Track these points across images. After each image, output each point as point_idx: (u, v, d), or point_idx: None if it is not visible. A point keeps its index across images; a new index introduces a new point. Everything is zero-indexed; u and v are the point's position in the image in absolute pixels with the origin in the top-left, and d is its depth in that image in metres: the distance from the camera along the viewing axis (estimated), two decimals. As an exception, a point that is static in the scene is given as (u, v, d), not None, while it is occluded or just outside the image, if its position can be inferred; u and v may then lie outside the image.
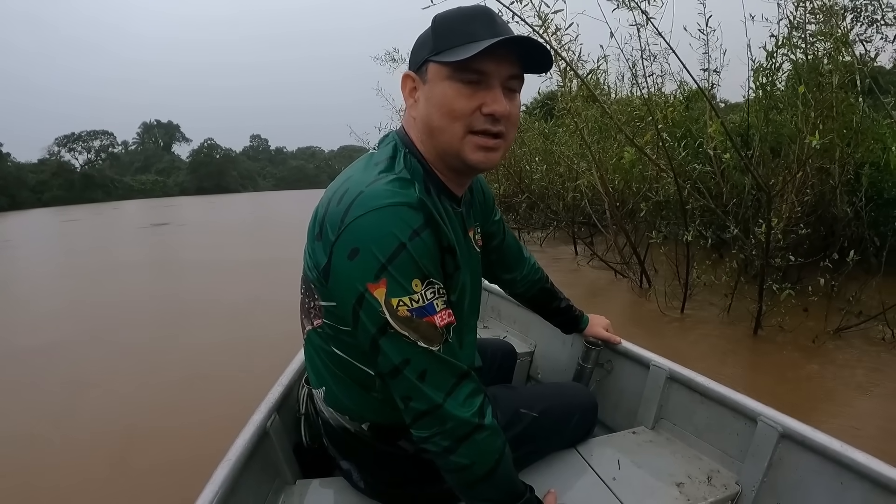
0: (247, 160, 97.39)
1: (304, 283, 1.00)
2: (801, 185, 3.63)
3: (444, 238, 0.91)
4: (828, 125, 3.67)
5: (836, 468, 1.06)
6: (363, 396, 1.01)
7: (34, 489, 2.16)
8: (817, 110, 3.50)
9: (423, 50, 0.91)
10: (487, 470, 0.87)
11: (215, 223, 17.46)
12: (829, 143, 3.70)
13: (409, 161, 0.94)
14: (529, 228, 8.99)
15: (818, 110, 3.52)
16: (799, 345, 3.28)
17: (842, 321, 3.39)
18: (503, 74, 0.88)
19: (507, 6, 3.46)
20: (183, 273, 7.65)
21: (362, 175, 0.91)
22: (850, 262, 3.24)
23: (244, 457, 1.06)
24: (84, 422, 2.70)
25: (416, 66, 0.94)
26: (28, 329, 4.63)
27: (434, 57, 0.88)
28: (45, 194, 54.81)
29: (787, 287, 3.24)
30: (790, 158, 3.64)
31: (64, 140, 70.89)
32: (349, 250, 0.83)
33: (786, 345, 3.30)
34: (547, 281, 1.52)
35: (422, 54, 0.91)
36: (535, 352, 2.01)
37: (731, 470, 1.28)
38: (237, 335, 4.10)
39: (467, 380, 0.87)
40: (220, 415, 2.52)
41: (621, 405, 1.62)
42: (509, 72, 0.89)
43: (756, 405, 1.24)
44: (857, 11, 4.62)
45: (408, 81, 0.95)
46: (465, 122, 0.89)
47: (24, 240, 14.96)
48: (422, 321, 0.83)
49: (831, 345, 3.25)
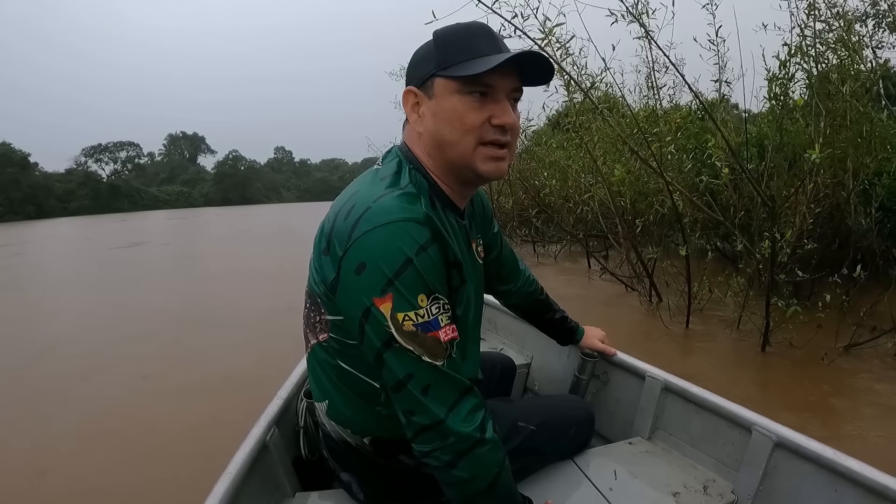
0: (271, 172, 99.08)
1: (310, 298, 1.02)
2: (813, 196, 3.58)
3: (450, 253, 0.94)
4: (841, 134, 3.63)
5: (831, 476, 1.08)
6: (367, 410, 1.03)
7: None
8: (828, 119, 3.46)
9: (427, 65, 0.95)
10: (488, 484, 0.89)
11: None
12: (841, 154, 3.66)
13: (414, 176, 0.97)
14: (545, 242, 8.98)
15: (829, 119, 3.49)
16: (807, 361, 3.22)
17: (852, 337, 3.32)
18: (508, 87, 0.93)
19: (508, 21, 3.50)
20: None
21: (369, 190, 0.93)
22: (856, 276, 3.17)
23: (244, 470, 1.09)
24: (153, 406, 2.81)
25: (418, 81, 0.97)
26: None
27: (441, 72, 0.92)
28: (71, 203, 56.46)
29: (793, 304, 3.18)
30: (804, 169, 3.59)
31: (91, 151, 73.11)
32: (356, 265, 0.85)
33: (794, 361, 3.24)
34: (541, 293, 1.55)
35: (425, 69, 0.95)
36: (531, 364, 2.03)
37: (726, 479, 1.30)
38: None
39: (469, 395, 0.89)
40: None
41: (617, 416, 1.64)
42: (513, 85, 0.94)
43: (750, 414, 1.27)
44: (878, 17, 4.58)
45: (410, 97, 0.98)
46: (476, 135, 0.93)
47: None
48: (427, 336, 0.85)
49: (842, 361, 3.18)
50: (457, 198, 1.04)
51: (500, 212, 9.62)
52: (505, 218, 9.77)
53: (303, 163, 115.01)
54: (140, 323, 5.07)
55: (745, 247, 3.65)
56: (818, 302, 3.31)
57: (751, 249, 3.61)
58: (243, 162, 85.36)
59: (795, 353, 3.35)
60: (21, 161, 52.73)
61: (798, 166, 3.86)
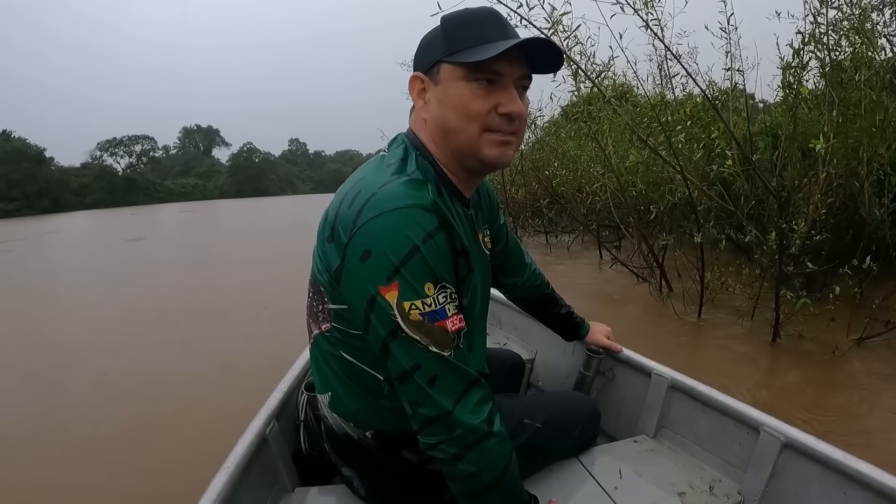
0: (285, 164, 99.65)
1: (313, 286, 1.01)
2: (825, 187, 3.56)
3: (457, 241, 0.92)
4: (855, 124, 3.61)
5: (839, 478, 1.07)
6: (370, 403, 1.02)
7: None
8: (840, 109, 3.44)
9: (434, 50, 0.93)
10: (494, 478, 0.88)
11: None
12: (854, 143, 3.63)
13: (420, 162, 0.96)
14: (558, 232, 8.98)
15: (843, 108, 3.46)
16: (817, 353, 3.22)
17: (864, 330, 3.31)
18: (515, 74, 0.91)
19: (514, 10, 3.51)
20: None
21: (374, 176, 0.92)
22: (866, 267, 3.16)
23: (243, 464, 1.09)
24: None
25: (425, 67, 0.95)
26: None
27: (448, 58, 0.90)
28: (87, 197, 57.51)
29: (802, 296, 3.18)
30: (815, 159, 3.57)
31: (106, 145, 74.11)
32: (362, 252, 0.84)
33: (804, 353, 3.24)
34: (547, 287, 1.54)
35: (432, 55, 0.93)
36: (535, 359, 2.02)
37: (733, 479, 1.29)
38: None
39: (477, 386, 0.88)
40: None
41: (623, 414, 1.64)
42: (521, 72, 0.92)
43: (759, 414, 1.26)
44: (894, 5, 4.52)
45: (416, 83, 0.97)
46: (481, 122, 0.91)
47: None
48: (434, 325, 0.84)
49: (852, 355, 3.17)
50: (463, 187, 1.03)
51: (512, 202, 9.65)
52: (518, 208, 9.76)
53: (317, 154, 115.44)
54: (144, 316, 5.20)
55: (757, 237, 3.64)
56: (829, 294, 3.30)
57: (761, 239, 3.61)
58: (258, 154, 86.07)
59: (806, 346, 3.35)
60: (37, 156, 53.65)
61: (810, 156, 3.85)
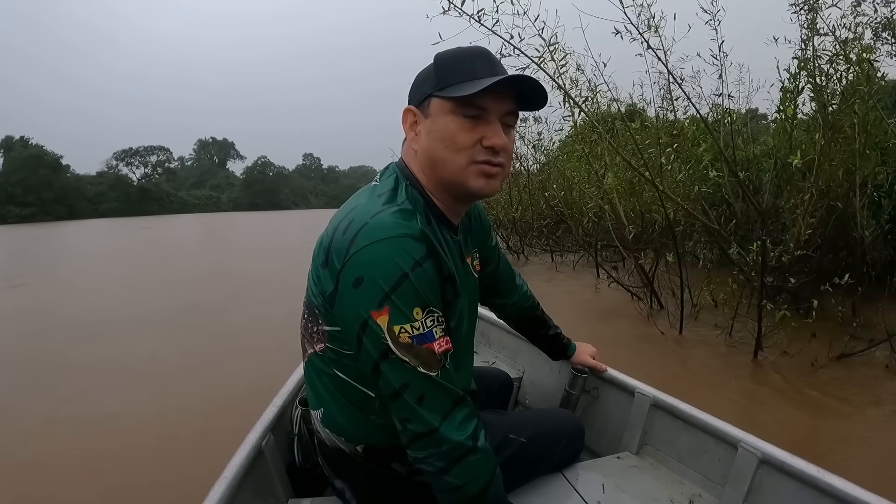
0: (299, 178, 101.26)
1: (308, 308, 1.07)
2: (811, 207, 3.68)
3: (444, 268, 0.98)
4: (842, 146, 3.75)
5: (814, 493, 1.12)
6: (361, 419, 1.07)
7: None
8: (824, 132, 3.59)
9: (426, 85, 1.00)
10: (479, 490, 0.93)
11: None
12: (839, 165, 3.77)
13: (410, 192, 1.02)
14: (563, 251, 9.13)
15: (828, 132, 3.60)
16: (797, 369, 3.31)
17: (845, 346, 3.41)
18: (501, 111, 0.98)
19: (507, 41, 3.71)
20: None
21: (367, 206, 0.98)
22: (844, 284, 3.28)
23: (239, 475, 1.14)
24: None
25: (417, 100, 1.02)
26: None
27: (437, 92, 0.97)
28: (102, 205, 59.00)
29: (783, 307, 3.30)
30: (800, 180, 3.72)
31: (122, 154, 76.15)
32: (354, 279, 0.90)
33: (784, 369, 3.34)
34: (537, 308, 1.60)
35: (424, 89, 1.00)
36: (523, 378, 2.09)
37: (712, 495, 1.35)
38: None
39: (462, 404, 0.94)
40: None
41: (607, 431, 1.70)
42: (507, 108, 0.98)
43: (737, 431, 1.32)
44: (893, 27, 4.65)
45: (409, 115, 1.04)
46: (466, 154, 0.97)
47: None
48: (422, 348, 0.90)
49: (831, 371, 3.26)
50: (451, 214, 1.09)
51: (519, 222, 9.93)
52: (525, 228, 9.98)
53: (331, 169, 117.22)
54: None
55: (739, 253, 3.78)
56: (811, 310, 3.38)
57: (742, 254, 3.75)
58: (272, 168, 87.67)
59: (787, 361, 3.44)
60: (53, 163, 55.30)
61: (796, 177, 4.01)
